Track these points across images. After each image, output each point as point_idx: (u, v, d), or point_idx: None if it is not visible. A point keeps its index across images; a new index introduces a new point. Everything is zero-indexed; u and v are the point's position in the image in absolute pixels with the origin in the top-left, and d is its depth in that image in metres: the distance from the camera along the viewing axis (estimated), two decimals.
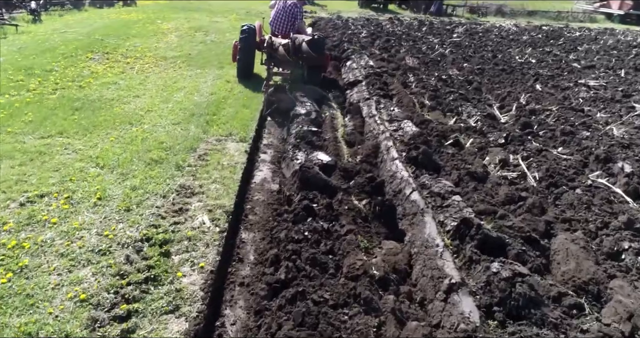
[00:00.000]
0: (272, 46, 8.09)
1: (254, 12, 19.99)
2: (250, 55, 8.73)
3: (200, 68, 9.61)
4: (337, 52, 11.55)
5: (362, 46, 12.52)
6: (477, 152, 5.60)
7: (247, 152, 5.35)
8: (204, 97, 7.52)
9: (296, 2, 8.95)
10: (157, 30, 13.68)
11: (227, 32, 14.00)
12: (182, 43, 12.01)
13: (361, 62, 10.48)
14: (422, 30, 17.49)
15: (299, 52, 8.08)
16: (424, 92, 8.22)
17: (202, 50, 11.20)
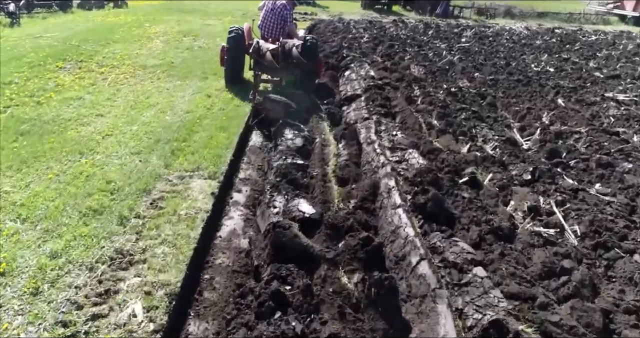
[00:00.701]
0: (259, 51, 7.11)
1: (250, 14, 18.93)
2: (239, 60, 7.98)
3: (181, 79, 8.60)
4: (335, 60, 10.52)
5: (364, 53, 11.49)
6: (499, 193, 4.56)
7: (214, 194, 4.33)
8: (177, 117, 6.50)
9: (285, 3, 7.96)
10: (143, 35, 12.69)
11: (219, 37, 12.97)
12: (166, 49, 11.01)
13: (361, 71, 9.45)
14: (428, 34, 16.43)
15: (288, 58, 7.13)
16: (431, 109, 7.17)
17: (187, 58, 10.19)
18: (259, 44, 7.16)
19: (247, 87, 8.03)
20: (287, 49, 7.32)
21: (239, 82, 8.51)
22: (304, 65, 7.19)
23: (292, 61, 7.16)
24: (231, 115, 6.67)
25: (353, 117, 6.68)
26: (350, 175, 4.82)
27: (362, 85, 8.36)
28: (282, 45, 7.35)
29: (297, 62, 7.08)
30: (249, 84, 8.01)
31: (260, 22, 8.18)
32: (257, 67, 7.21)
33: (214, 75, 8.92)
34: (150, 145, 5.38)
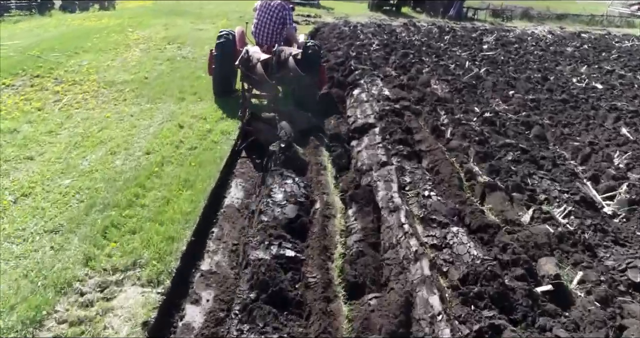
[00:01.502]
0: (249, 62, 5.51)
1: (248, 17, 17.32)
2: (229, 67, 6.63)
3: (152, 101, 6.97)
4: (341, 74, 8.86)
5: (374, 64, 9.82)
6: (604, 313, 2.88)
7: (148, 325, 2.68)
8: (131, 161, 4.87)
9: (283, 3, 6.64)
10: (121, 42, 11.09)
11: (208, 44, 11.33)
12: (144, 60, 9.39)
13: (373, 89, 7.79)
14: (445, 40, 14.74)
15: (282, 70, 5.79)
16: (466, 146, 5.51)
17: (165, 72, 8.56)
18: (248, 52, 5.59)
19: (236, 103, 6.50)
20: (283, 59, 5.84)
21: (229, 94, 7.15)
22: (302, 78, 5.72)
23: (289, 74, 5.70)
24: (204, 158, 5.01)
25: (366, 161, 5.01)
26: (366, 274, 3.16)
27: (375, 109, 6.71)
28: (277, 54, 5.89)
29: (294, 76, 5.62)
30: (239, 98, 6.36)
31: (253, 26, 6.87)
32: (247, 80, 5.66)
33: (193, 95, 7.28)
34: (77, 215, 3.74)
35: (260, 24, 6.70)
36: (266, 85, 5.48)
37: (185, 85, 7.73)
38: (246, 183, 4.67)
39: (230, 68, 6.57)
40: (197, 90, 7.51)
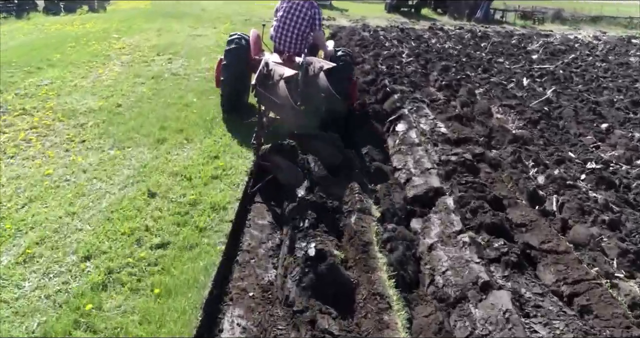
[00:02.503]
0: (268, 78, 3.90)
1: (255, 21, 15.35)
2: (241, 78, 5.45)
3: (120, 144, 4.96)
4: (375, 99, 6.83)
5: (413, 83, 7.77)
6: None
7: None
8: (52, 280, 2.85)
9: (313, 2, 5.44)
10: (100, 52, 9.11)
11: (206, 55, 9.36)
12: (122, 78, 7.40)
13: (422, 123, 5.78)
14: (483, 47, 12.65)
15: (309, 88, 4.49)
16: (597, 239, 3.45)
17: (145, 96, 6.55)
18: (269, 66, 3.93)
19: (241, 142, 5.01)
20: (312, 73, 4.51)
21: (240, 110, 5.76)
22: (336, 102, 4.45)
23: (319, 94, 4.43)
24: (178, 277, 2.94)
25: (451, 277, 2.95)
26: None
27: (434, 158, 4.69)
28: (304, 67, 4.53)
29: (327, 98, 4.36)
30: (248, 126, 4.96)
31: (274, 29, 5.57)
32: (265, 102, 3.97)
33: (178, 133, 5.27)
34: None
35: (284, 27, 5.40)
36: (290, 111, 3.76)
37: (170, 118, 5.72)
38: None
39: (242, 78, 5.39)
40: (184, 125, 5.50)
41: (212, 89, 6.94)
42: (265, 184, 4.04)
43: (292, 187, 3.96)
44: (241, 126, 5.55)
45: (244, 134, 5.28)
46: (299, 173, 4.04)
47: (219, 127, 5.54)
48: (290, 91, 3.93)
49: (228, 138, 5.28)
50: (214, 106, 6.18)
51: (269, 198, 3.99)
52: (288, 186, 4.01)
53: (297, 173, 4.03)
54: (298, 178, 4.00)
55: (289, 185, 4.01)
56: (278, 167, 4.10)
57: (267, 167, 4.17)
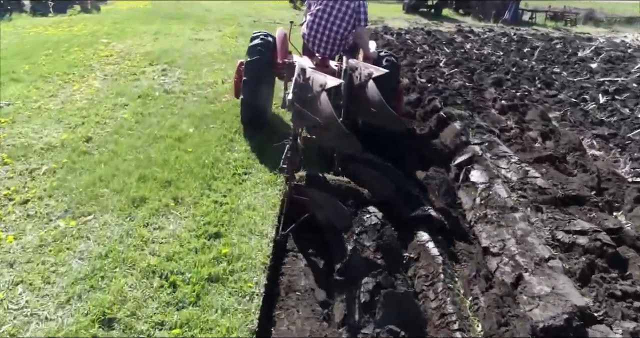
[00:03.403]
0: (306, 89, 2.88)
1: (264, 23, 13.77)
2: (265, 86, 4.58)
3: (75, 209, 3.34)
4: (420, 121, 5.25)
5: (468, 103, 6.15)
6: None
7: None
8: None
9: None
10: (82, 62, 7.54)
11: (208, 65, 7.77)
12: (101, 97, 5.80)
13: (503, 168, 4.16)
14: (527, 53, 10.99)
15: (356, 103, 3.54)
16: None
17: (126, 125, 4.92)
18: (306, 73, 2.95)
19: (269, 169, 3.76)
20: (358, 82, 3.52)
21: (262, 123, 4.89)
22: (391, 120, 3.39)
23: (367, 109, 3.43)
24: None
25: None
26: None
27: (544, 234, 3.08)
28: (349, 73, 3.61)
29: (379, 113, 3.34)
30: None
31: (307, 26, 4.64)
32: (302, 121, 2.96)
33: (164, 187, 3.67)
34: None
35: (320, 23, 4.48)
36: (338, 135, 2.86)
37: (154, 161, 4.11)
38: None
39: (266, 87, 4.61)
40: (173, 173, 3.89)
41: (214, 114, 5.34)
42: (300, 225, 3.18)
43: (335, 229, 3.16)
44: (260, 162, 4.05)
45: (262, 182, 3.73)
46: (344, 211, 3.11)
47: (222, 177, 3.93)
48: (337, 109, 3.17)
49: (236, 193, 3.68)
50: (217, 141, 4.59)
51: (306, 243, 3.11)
52: (331, 228, 3.19)
53: (342, 212, 3.10)
54: (343, 218, 3.10)
55: (331, 226, 3.18)
56: (316, 202, 3.21)
57: (302, 203, 3.24)
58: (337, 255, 2.98)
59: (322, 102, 2.79)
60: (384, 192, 3.58)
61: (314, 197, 3.25)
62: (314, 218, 3.22)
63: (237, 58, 8.62)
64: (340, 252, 2.98)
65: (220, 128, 4.96)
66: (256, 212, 3.43)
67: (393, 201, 3.53)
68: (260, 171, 4.09)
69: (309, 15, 4.60)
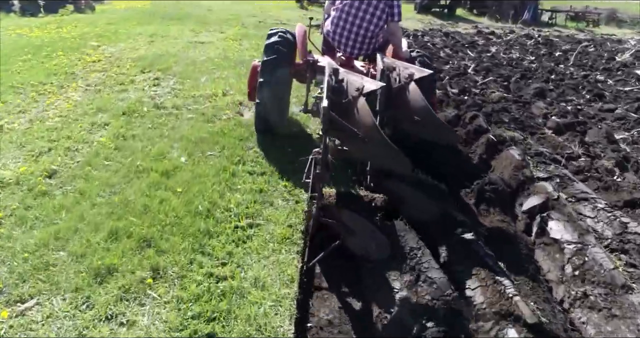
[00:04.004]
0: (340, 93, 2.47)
1: (270, 23, 12.79)
2: (283, 88, 4.02)
3: (10, 293, 2.40)
4: (463, 145, 4.25)
5: (516, 121, 5.16)
6: None
7: None
8: None
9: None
10: (63, 69, 6.58)
11: (207, 72, 6.80)
12: (78, 114, 4.83)
13: (588, 215, 3.15)
14: (559, 57, 9.96)
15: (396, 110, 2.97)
16: None
17: (102, 152, 3.92)
18: (338, 74, 2.58)
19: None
20: (397, 84, 2.92)
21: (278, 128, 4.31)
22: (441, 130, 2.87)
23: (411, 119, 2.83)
24: None
25: None
26: None
27: None
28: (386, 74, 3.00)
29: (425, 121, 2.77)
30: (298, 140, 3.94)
31: (331, 22, 4.14)
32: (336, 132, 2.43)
33: (139, 250, 2.69)
34: None
35: (348, 20, 4.03)
36: (381, 151, 2.33)
37: (130, 207, 3.12)
38: None
39: (284, 90, 4.08)
40: (153, 230, 2.90)
41: (212, 137, 4.36)
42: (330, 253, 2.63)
43: (371, 260, 2.63)
44: (270, 206, 3.13)
45: (274, 239, 2.80)
46: (382, 239, 2.64)
47: (220, 232, 2.94)
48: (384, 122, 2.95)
49: (239, 259, 2.69)
50: (214, 176, 3.60)
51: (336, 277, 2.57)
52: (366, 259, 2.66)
53: (379, 240, 2.64)
54: (381, 247, 2.62)
55: (366, 257, 2.66)
56: (347, 228, 2.70)
57: (331, 227, 2.72)
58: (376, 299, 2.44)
59: (360, 109, 2.38)
60: (424, 216, 3.03)
61: (346, 220, 2.70)
62: (344, 244, 2.67)
63: (240, 64, 7.69)
64: (381, 296, 2.43)
65: (219, 156, 3.98)
66: (266, 292, 2.44)
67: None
68: (271, 221, 3.11)
69: (333, 10, 4.15)
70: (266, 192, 3.46)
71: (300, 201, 3.38)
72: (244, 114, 5.12)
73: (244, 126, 4.68)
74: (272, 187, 3.53)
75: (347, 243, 2.67)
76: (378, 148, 2.33)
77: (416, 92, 2.78)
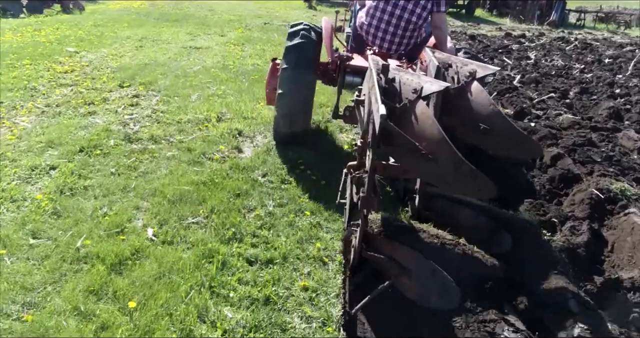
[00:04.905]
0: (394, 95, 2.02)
1: (277, 24, 11.51)
2: (306, 91, 3.49)
3: None
4: (545, 204, 2.94)
5: (609, 157, 3.83)
6: None
7: None
8: None
9: None
10: (21, 82, 5.30)
11: (201, 88, 5.51)
12: (15, 153, 3.55)
13: None
14: (612, 66, 8.62)
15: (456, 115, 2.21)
16: None
17: (15, 236, 2.66)
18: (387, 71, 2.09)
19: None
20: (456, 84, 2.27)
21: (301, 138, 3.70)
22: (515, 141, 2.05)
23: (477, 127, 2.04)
24: None
25: None
26: None
27: None
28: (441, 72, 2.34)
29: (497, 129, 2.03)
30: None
31: (366, 14, 3.69)
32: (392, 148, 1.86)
33: None
34: None
35: (387, 11, 3.55)
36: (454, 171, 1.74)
37: None
38: None
39: (308, 92, 3.48)
40: None
41: (198, 192, 3.05)
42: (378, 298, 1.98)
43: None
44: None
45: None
46: (449, 285, 1.92)
47: None
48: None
49: None
50: (194, 267, 2.30)
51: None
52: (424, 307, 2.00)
53: (446, 285, 1.92)
54: (448, 296, 1.93)
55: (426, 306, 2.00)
56: (398, 264, 2.02)
57: (379, 264, 2.08)
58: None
59: (419, 116, 1.84)
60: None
61: (400, 256, 2.06)
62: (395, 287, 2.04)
63: (242, 75, 6.39)
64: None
65: (204, 227, 2.69)
66: None
67: None
68: None
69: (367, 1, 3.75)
70: (275, 302, 2.15)
71: (330, 320, 2.08)
72: (243, 150, 3.82)
73: (242, 171, 3.38)
74: (284, 291, 2.23)
75: (400, 285, 2.05)
76: (447, 167, 1.77)
77: (482, 94, 2.14)
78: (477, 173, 1.73)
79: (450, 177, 1.79)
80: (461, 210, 2.50)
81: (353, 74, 3.44)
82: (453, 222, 2.39)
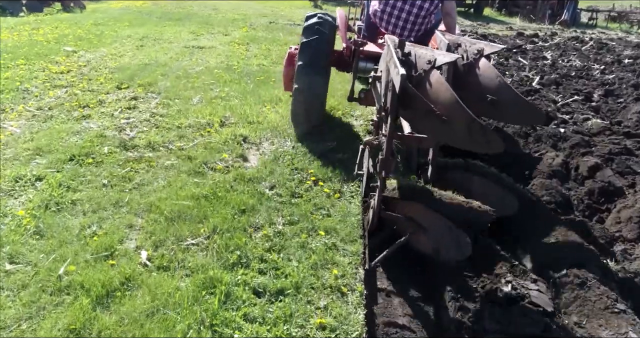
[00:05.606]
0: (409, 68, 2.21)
1: (282, 23, 11.20)
2: (323, 74, 3.61)
3: None
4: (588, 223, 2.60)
5: None
6: None
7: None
8: None
9: None
10: (13, 84, 4.99)
11: (204, 89, 5.20)
12: (1, 161, 3.27)
13: None
14: (633, 67, 8.24)
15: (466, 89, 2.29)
16: None
17: None
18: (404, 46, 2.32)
19: None
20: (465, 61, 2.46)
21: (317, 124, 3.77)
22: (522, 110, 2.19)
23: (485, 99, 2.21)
24: None
25: None
26: None
27: None
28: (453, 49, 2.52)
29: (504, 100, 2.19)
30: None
31: (379, 3, 3.78)
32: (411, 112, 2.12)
33: None
34: None
35: None
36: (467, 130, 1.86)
37: None
38: None
39: (325, 76, 3.63)
40: None
41: (198, 207, 2.72)
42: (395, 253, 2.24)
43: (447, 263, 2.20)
44: None
45: None
46: (462, 238, 2.12)
47: None
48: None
49: None
50: (193, 302, 1.96)
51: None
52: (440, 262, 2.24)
53: (458, 238, 2.13)
54: (460, 247, 2.12)
55: (442, 259, 2.21)
56: (416, 224, 2.24)
57: (396, 223, 2.34)
58: None
59: (434, 83, 2.01)
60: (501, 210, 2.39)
61: (416, 214, 2.22)
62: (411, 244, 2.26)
63: (246, 76, 6.05)
64: None
65: (205, 250, 2.37)
66: None
67: None
68: None
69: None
70: None
71: None
72: (248, 158, 3.50)
73: (247, 182, 3.06)
74: (297, 329, 1.90)
75: (415, 241, 2.26)
76: (461, 127, 1.85)
77: (489, 68, 2.30)
78: (487, 130, 1.85)
79: (463, 134, 1.88)
80: (472, 178, 2.63)
81: (366, 60, 3.59)
82: (464, 190, 2.49)
